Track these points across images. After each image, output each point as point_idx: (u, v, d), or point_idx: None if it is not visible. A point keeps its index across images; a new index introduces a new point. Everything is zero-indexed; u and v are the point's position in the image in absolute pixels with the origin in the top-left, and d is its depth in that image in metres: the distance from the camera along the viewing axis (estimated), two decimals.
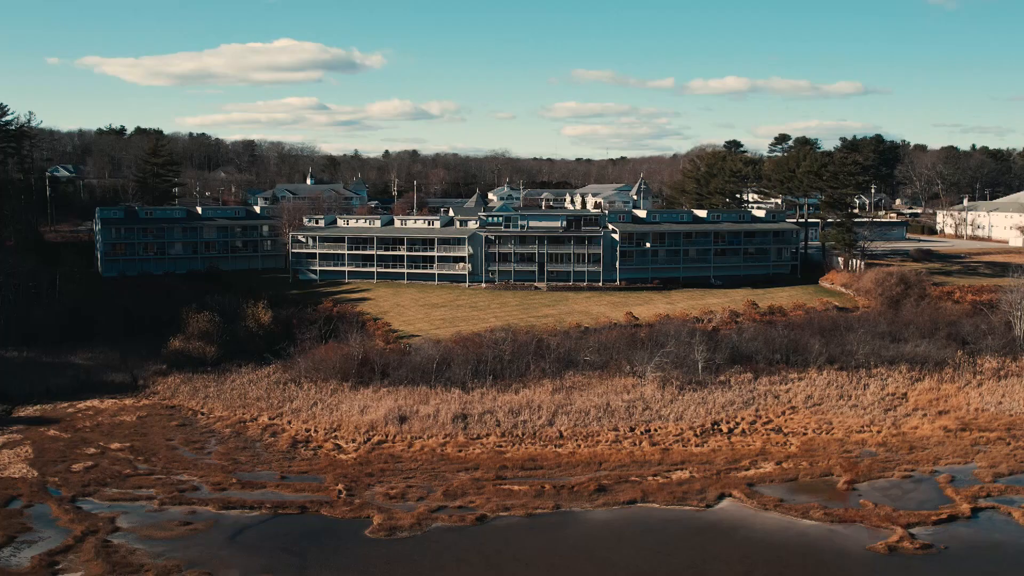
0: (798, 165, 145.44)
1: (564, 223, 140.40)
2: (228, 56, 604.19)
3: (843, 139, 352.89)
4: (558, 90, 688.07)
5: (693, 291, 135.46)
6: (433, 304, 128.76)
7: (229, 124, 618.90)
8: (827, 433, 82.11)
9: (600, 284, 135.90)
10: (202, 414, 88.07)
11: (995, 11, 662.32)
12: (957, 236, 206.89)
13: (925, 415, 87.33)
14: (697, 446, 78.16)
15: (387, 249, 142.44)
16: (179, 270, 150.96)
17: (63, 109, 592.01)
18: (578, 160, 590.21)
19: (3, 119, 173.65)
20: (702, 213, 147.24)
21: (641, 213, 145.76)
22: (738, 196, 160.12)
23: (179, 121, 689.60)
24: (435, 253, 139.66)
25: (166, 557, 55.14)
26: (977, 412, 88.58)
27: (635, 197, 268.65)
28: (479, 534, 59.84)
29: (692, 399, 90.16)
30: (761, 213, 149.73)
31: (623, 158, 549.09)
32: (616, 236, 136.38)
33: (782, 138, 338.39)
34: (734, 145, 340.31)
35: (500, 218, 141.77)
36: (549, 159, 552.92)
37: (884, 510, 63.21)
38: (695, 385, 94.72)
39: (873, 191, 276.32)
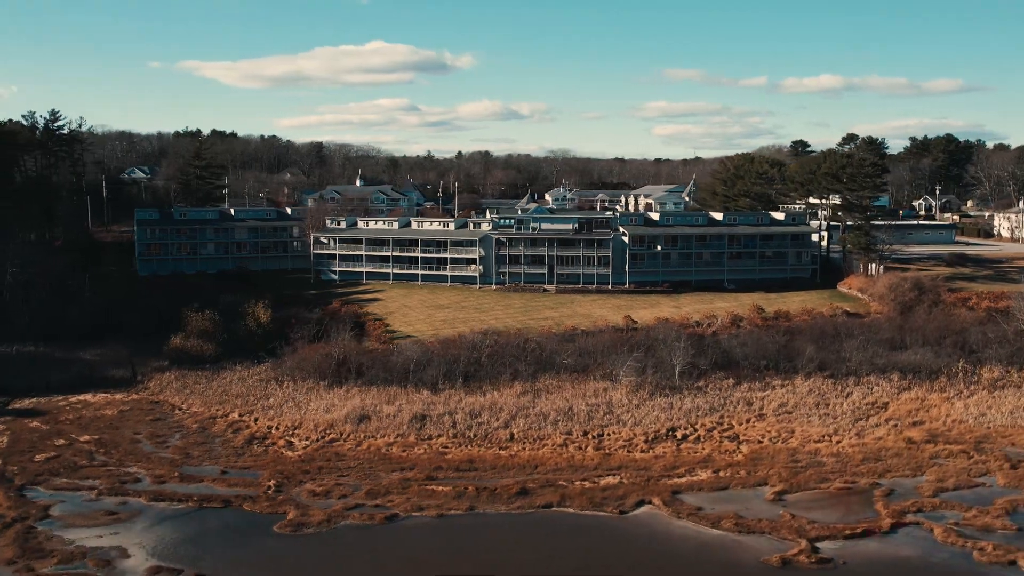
0: (819, 167, 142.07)
1: (575, 226, 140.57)
2: (321, 59, 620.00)
3: (912, 139, 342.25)
4: (648, 89, 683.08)
5: (703, 295, 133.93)
6: (440, 305, 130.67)
7: (322, 126, 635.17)
8: (783, 442, 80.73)
9: (609, 287, 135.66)
10: (180, 410, 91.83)
11: None
12: (1013, 240, 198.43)
13: (896, 426, 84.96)
14: (642, 452, 77.90)
15: (403, 251, 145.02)
16: (210, 270, 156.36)
17: (165, 111, 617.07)
18: (656, 160, 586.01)
19: (56, 124, 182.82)
20: (719, 216, 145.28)
21: (655, 216, 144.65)
22: (769, 197, 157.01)
23: (276, 123, 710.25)
24: (448, 255, 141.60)
25: (76, 545, 58.20)
26: (953, 424, 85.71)
27: (686, 198, 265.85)
28: (383, 533, 61.28)
29: (658, 404, 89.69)
30: (781, 216, 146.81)
31: (698, 158, 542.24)
32: (626, 239, 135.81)
33: (850, 138, 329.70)
34: (801, 145, 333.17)
35: (512, 220, 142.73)
36: (621, 158, 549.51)
37: (799, 522, 62.13)
38: (669, 390, 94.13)
39: (938, 192, 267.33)
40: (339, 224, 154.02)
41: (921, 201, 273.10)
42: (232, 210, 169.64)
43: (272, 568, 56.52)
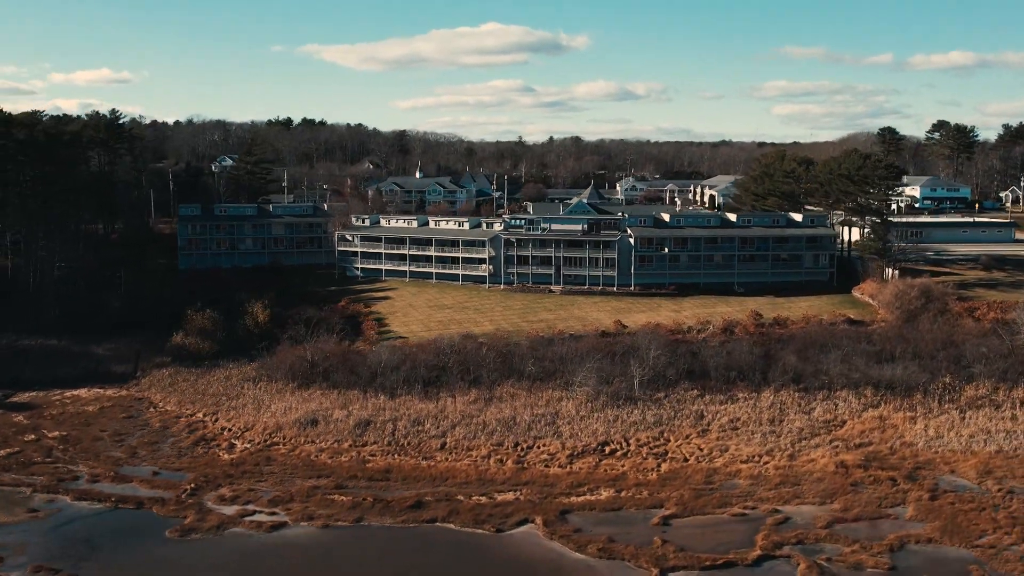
0: (839, 166, 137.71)
1: (584, 227, 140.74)
2: (437, 41, 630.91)
3: (1005, 126, 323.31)
4: (767, 68, 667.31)
5: (708, 298, 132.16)
6: (442, 306, 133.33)
7: (439, 107, 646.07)
8: (709, 461, 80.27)
9: (614, 289, 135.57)
10: (155, 408, 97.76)
11: None
12: None
13: (837, 447, 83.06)
14: (559, 467, 78.88)
15: (419, 249, 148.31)
16: (247, 264, 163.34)
17: (283, 96, 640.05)
18: (760, 144, 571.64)
19: (117, 124, 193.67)
20: (733, 216, 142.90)
21: (666, 216, 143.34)
22: (796, 197, 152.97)
23: (392, 104, 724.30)
24: (459, 254, 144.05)
25: None
26: (901, 447, 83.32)
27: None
28: (262, 541, 64.72)
29: (604, 416, 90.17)
30: (800, 217, 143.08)
31: (795, 143, 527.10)
32: (632, 241, 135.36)
33: (940, 125, 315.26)
34: (888, 132, 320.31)
35: (523, 221, 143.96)
36: (726, 141, 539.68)
37: (666, 550, 62.32)
38: (624, 401, 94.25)
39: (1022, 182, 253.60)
40: (363, 222, 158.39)
41: (1007, 192, 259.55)
42: (271, 206, 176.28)
43: (147, 572, 60.60)
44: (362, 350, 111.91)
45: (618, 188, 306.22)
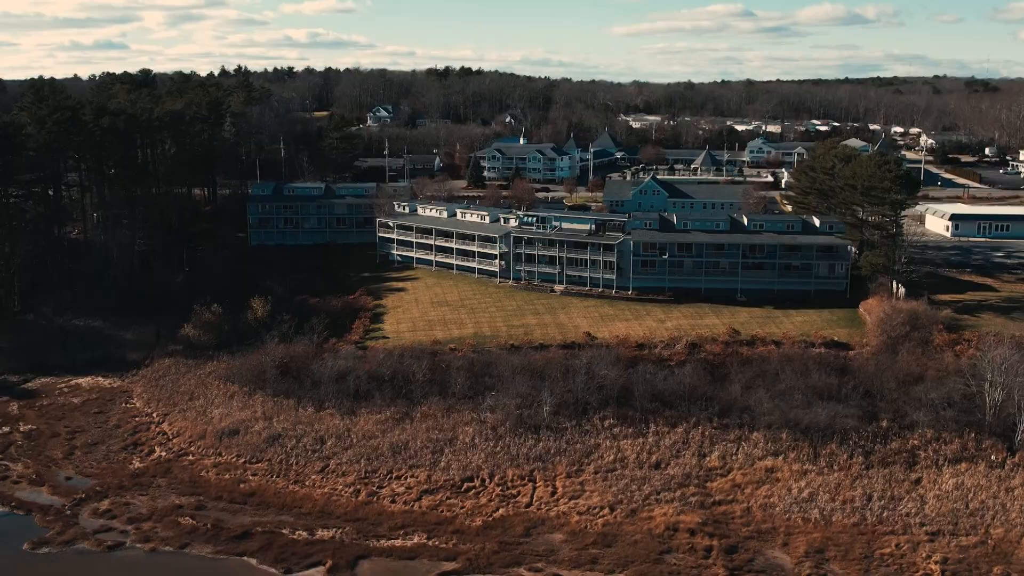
0: (861, 169, 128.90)
1: (593, 227, 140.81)
2: None
3: None
4: None
5: (703, 307, 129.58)
6: (444, 302, 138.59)
7: (653, 33, 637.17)
8: (548, 508, 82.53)
9: (613, 291, 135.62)
10: (128, 404, 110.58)
11: None
12: None
13: (690, 503, 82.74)
14: (405, 503, 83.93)
15: (445, 240, 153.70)
16: (309, 242, 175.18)
17: (501, 32, 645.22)
18: (972, 81, 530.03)
19: (250, 88, 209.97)
20: (745, 220, 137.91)
21: (673, 218, 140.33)
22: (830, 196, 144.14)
23: (605, 32, 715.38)
24: (475, 248, 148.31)
25: None
26: (757, 509, 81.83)
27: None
28: (92, 560, 74.71)
29: (491, 447, 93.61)
30: (818, 222, 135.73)
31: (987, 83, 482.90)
32: (632, 244, 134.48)
33: None
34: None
35: (534, 218, 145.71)
36: (936, 77, 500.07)
37: None
38: (526, 429, 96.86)
39: None
40: (403, 209, 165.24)
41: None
42: (336, 187, 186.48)
43: None
44: (330, 351, 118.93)
45: (746, 149, 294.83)
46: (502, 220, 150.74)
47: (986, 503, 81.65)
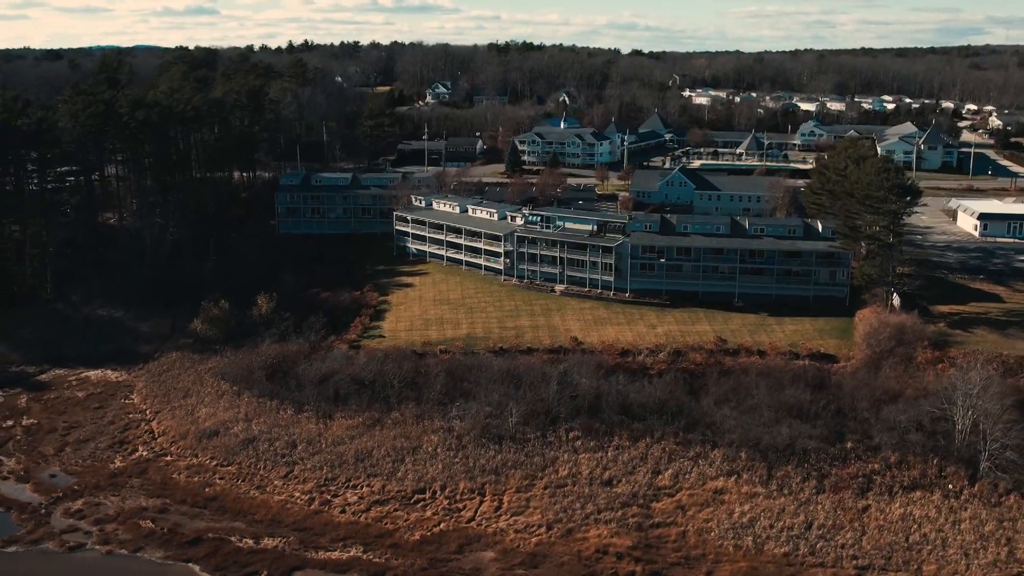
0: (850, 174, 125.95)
1: (594, 227, 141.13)
2: None
3: None
4: None
5: (697, 312, 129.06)
6: (447, 300, 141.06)
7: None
8: (487, 524, 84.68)
9: (611, 293, 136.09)
10: (128, 399, 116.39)
11: None
12: None
13: (628, 524, 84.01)
14: (353, 514, 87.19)
15: (454, 236, 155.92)
16: (334, 231, 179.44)
17: None
18: None
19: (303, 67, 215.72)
20: (746, 224, 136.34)
21: (674, 220, 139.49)
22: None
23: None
24: (482, 246, 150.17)
25: None
26: (693, 534, 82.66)
27: (923, 146, 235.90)
28: (50, 560, 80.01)
29: (446, 458, 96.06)
30: (821, 227, 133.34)
31: None
32: (630, 247, 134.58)
33: None
34: None
35: (539, 217, 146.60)
36: None
37: None
38: (490, 439, 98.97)
39: None
40: (420, 203, 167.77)
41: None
42: (362, 177, 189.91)
43: None
44: (325, 350, 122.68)
45: (797, 133, 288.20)
46: (509, 218, 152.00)
47: (928, 536, 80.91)
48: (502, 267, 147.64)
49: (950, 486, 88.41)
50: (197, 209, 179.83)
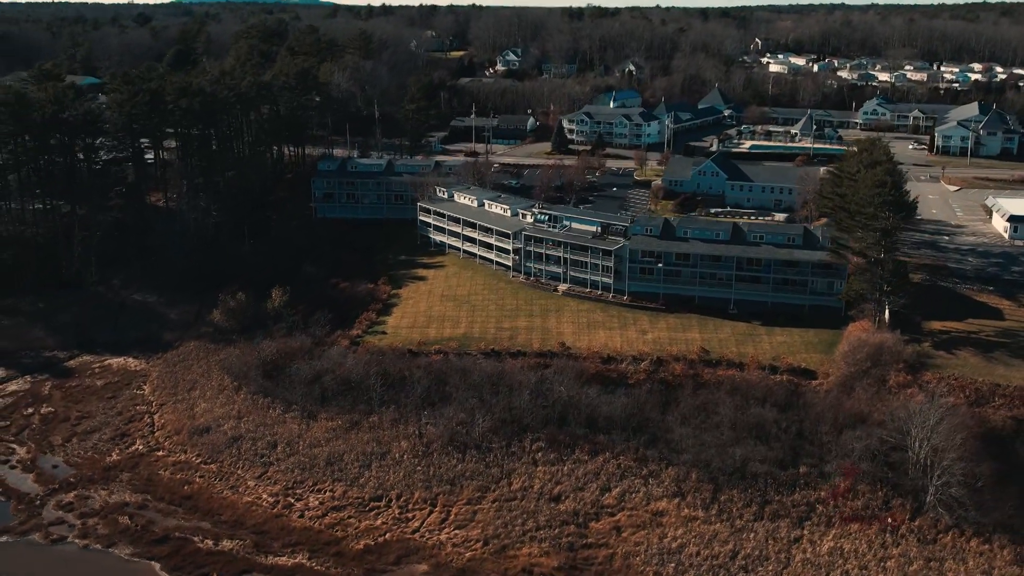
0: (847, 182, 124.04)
1: (598, 228, 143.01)
2: None
3: None
4: None
5: (691, 318, 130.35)
6: (453, 296, 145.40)
7: None
8: (429, 536, 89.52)
9: (610, 295, 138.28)
10: (140, 389, 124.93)
11: None
12: None
13: (562, 543, 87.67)
14: (310, 519, 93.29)
15: (470, 230, 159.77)
16: (368, 216, 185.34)
17: None
18: None
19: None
20: (746, 230, 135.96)
21: (674, 223, 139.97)
22: None
23: None
24: (493, 241, 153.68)
25: None
26: (620, 558, 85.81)
27: (981, 131, 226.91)
28: (32, 551, 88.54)
29: (410, 465, 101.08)
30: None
31: None
32: (628, 250, 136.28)
33: None
34: None
35: (547, 216, 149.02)
36: None
37: None
38: (455, 448, 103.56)
39: None
40: (443, 194, 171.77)
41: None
42: (396, 164, 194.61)
43: None
44: (326, 347, 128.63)
45: (859, 112, 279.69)
46: (520, 215, 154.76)
47: (848, 573, 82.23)
48: (511, 264, 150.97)
49: (890, 520, 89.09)
50: (241, 191, 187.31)
